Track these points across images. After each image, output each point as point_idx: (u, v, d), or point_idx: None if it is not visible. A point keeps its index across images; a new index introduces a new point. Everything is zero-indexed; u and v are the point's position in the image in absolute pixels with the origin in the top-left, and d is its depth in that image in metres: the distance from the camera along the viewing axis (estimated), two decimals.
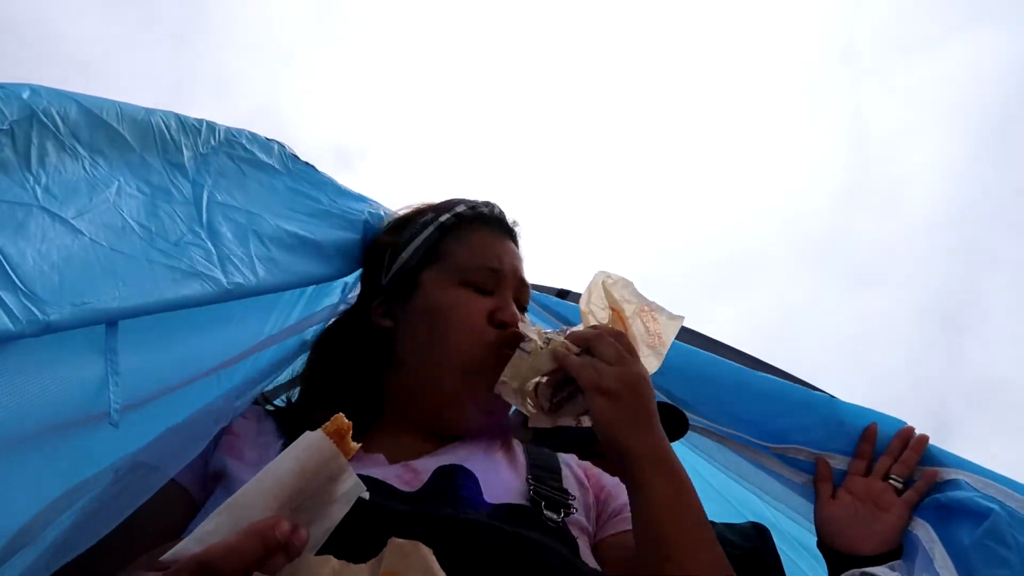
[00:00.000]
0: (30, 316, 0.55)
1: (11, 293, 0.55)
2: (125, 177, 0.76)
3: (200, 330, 0.85)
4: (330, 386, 0.99)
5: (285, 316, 1.02)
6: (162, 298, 0.69)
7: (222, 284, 0.77)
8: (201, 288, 0.74)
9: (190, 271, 0.74)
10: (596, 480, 1.00)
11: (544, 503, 0.84)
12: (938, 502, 1.06)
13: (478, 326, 0.96)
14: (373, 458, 0.88)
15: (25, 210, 0.62)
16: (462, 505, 0.76)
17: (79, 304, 0.60)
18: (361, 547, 0.61)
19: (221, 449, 0.84)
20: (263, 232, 0.89)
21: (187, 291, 0.72)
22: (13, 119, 0.65)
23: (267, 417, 0.94)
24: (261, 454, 0.84)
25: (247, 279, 0.81)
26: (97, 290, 0.63)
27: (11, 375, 0.59)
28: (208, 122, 0.91)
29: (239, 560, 0.52)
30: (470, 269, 1.01)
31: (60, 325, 0.58)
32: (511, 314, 0.98)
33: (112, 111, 0.78)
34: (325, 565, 0.59)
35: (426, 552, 0.61)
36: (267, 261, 0.87)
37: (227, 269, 0.79)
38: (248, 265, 0.83)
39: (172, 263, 0.73)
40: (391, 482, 0.80)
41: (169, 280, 0.71)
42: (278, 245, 0.91)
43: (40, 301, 0.57)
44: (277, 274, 0.88)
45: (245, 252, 0.84)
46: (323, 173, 1.11)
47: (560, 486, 0.91)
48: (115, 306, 0.64)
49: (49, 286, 0.58)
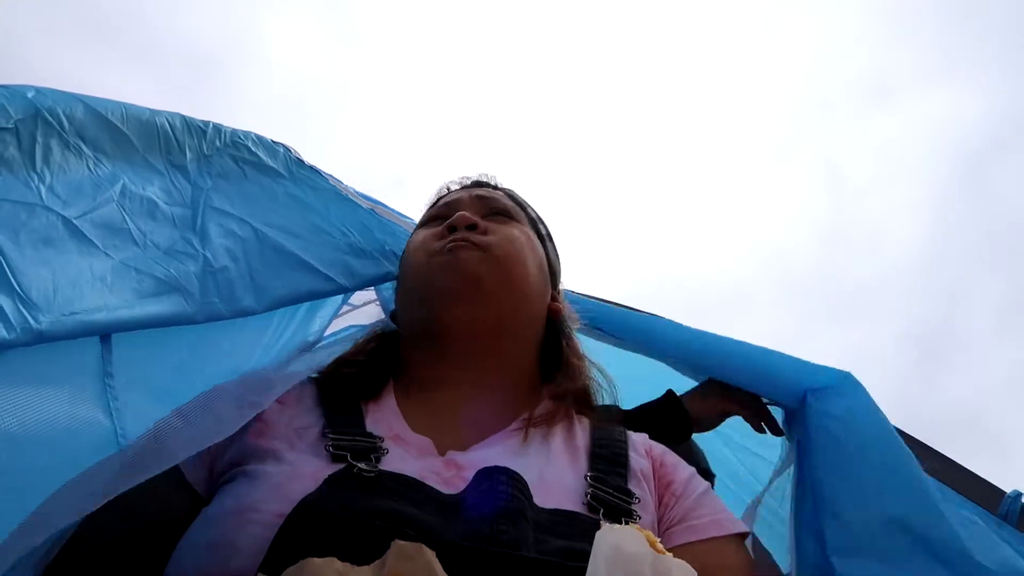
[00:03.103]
0: (24, 324, 0.55)
1: (8, 298, 0.55)
2: (128, 177, 0.76)
3: (198, 343, 0.84)
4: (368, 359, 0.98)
5: (287, 322, 1.01)
6: (143, 313, 0.69)
7: (197, 301, 0.76)
8: (176, 305, 0.73)
9: (173, 284, 0.73)
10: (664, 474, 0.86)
11: (603, 510, 0.74)
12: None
13: (428, 245, 0.94)
14: (420, 443, 0.80)
15: (28, 210, 0.62)
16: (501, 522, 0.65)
17: (68, 315, 0.60)
18: (364, 549, 0.60)
19: (251, 435, 0.79)
20: (253, 247, 0.89)
21: (165, 308, 0.72)
22: (18, 118, 0.65)
23: (307, 394, 0.89)
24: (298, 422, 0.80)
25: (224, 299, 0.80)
26: (86, 300, 0.63)
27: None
28: (215, 124, 0.91)
29: None
30: (426, 213, 1.05)
31: (51, 335, 0.57)
32: (457, 217, 0.95)
33: (117, 112, 0.78)
34: (329, 567, 0.59)
35: (430, 555, 0.60)
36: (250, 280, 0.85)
37: (206, 287, 0.78)
38: (230, 283, 0.82)
39: (157, 273, 0.73)
40: (429, 481, 0.72)
41: (151, 293, 0.71)
42: (265, 263, 0.89)
43: (34, 307, 0.57)
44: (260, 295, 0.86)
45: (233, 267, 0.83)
46: (327, 178, 1.11)
47: (623, 486, 0.80)
48: (101, 318, 0.64)
49: (44, 292, 0.58)
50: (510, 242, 0.95)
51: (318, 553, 0.60)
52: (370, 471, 0.70)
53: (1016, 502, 1.01)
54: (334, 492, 0.66)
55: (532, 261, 0.97)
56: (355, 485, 0.68)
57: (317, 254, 0.99)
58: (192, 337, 0.79)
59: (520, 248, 0.96)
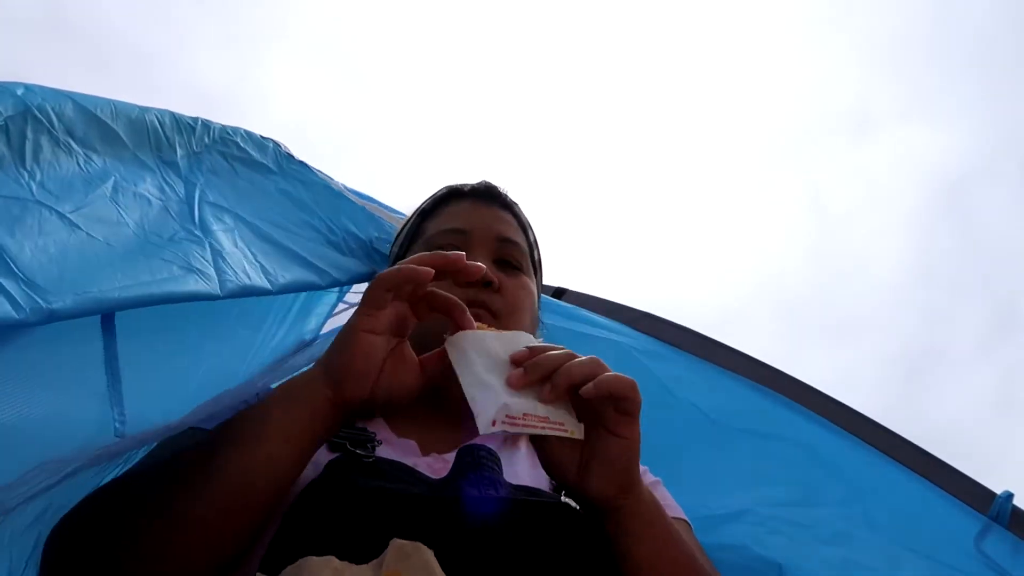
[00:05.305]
0: (33, 304, 0.55)
1: (12, 281, 0.55)
2: (120, 174, 0.75)
3: (196, 345, 0.84)
4: None
5: (281, 318, 1.01)
6: (161, 291, 0.69)
7: (216, 281, 0.76)
8: (197, 283, 0.73)
9: (186, 266, 0.73)
10: None
11: (564, 492, 0.82)
12: None
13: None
14: (406, 444, 0.87)
15: (21, 205, 0.61)
16: (484, 485, 0.74)
17: (81, 293, 0.59)
18: (364, 547, 0.61)
19: None
20: (250, 239, 0.88)
21: (185, 286, 0.72)
22: (7, 115, 0.64)
23: None
24: None
25: (240, 279, 0.80)
26: (97, 281, 0.63)
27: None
28: (203, 120, 0.90)
29: (415, 262, 0.69)
30: (434, 238, 1.02)
31: (63, 313, 0.57)
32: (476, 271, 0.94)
33: (107, 109, 0.77)
34: (327, 566, 0.59)
35: (427, 553, 0.61)
36: (256, 265, 0.86)
37: (220, 267, 0.78)
38: (240, 265, 0.82)
39: (168, 258, 0.72)
40: (420, 469, 0.80)
41: (166, 274, 0.71)
42: (264, 254, 0.89)
43: (41, 290, 0.56)
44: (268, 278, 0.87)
45: (237, 252, 0.83)
46: (316, 172, 1.10)
47: None
48: (116, 296, 0.64)
49: (49, 277, 0.58)
50: (517, 307, 0.97)
51: (319, 543, 0.62)
52: (368, 456, 0.77)
53: (1007, 503, 1.03)
54: (336, 475, 0.72)
55: (529, 321, 1.01)
56: (355, 469, 0.74)
57: (309, 249, 0.99)
58: (188, 334, 0.80)
59: (524, 310, 0.99)
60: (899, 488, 1.27)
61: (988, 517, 1.07)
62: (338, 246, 1.05)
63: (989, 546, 1.12)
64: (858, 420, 1.33)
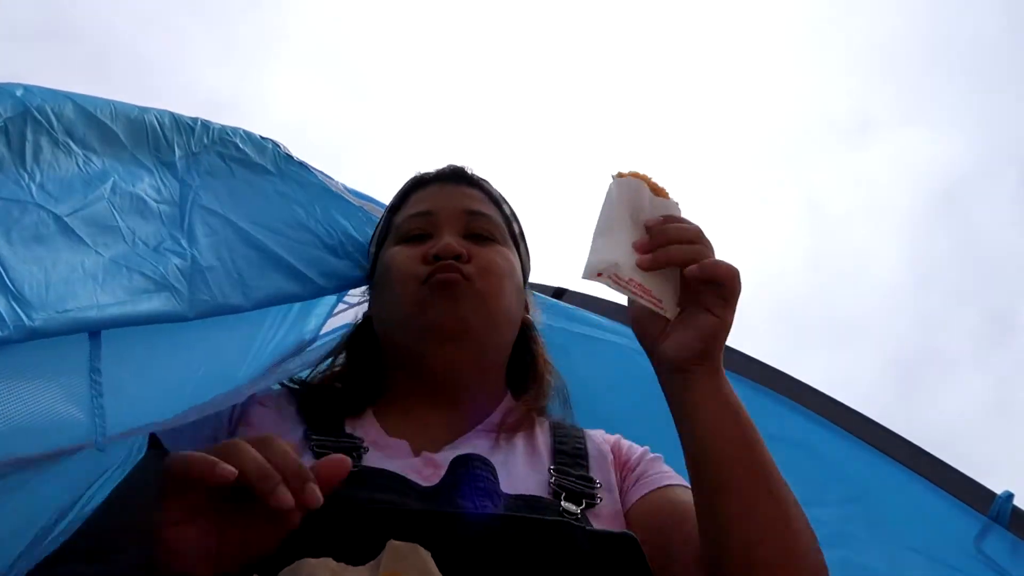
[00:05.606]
0: (17, 321, 0.54)
1: (3, 296, 0.55)
2: (118, 175, 0.75)
3: (191, 342, 0.84)
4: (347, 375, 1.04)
5: (281, 318, 1.01)
6: (134, 311, 0.68)
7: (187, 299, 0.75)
8: (167, 303, 0.72)
9: (162, 282, 0.73)
10: (622, 455, 0.97)
11: (564, 495, 0.83)
12: None
13: (411, 270, 0.94)
14: (397, 445, 0.87)
15: (21, 207, 0.62)
16: (478, 497, 0.74)
17: (61, 312, 0.59)
18: (361, 548, 0.61)
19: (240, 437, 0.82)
20: (236, 246, 0.88)
21: (155, 305, 0.71)
22: (7, 116, 0.65)
23: (288, 402, 0.95)
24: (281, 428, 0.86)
25: (214, 296, 0.79)
26: (78, 297, 0.62)
27: None
28: (203, 120, 0.90)
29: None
30: (402, 225, 1.02)
31: (43, 332, 0.57)
32: (442, 246, 0.94)
33: (106, 109, 0.78)
34: (324, 567, 0.59)
35: (424, 554, 0.61)
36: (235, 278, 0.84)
37: (195, 284, 0.77)
38: (217, 282, 0.81)
39: (147, 271, 0.72)
40: (411, 477, 0.79)
41: (141, 291, 0.70)
42: (248, 262, 0.88)
43: (27, 304, 0.56)
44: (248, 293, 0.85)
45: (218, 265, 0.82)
46: (315, 173, 1.10)
47: (585, 475, 0.89)
48: (94, 316, 0.63)
49: (37, 289, 0.58)
50: (492, 274, 0.97)
51: (316, 544, 0.61)
52: (354, 467, 0.72)
53: (1007, 503, 1.03)
54: None
55: (511, 288, 1.00)
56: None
57: (301, 253, 0.98)
58: (185, 335, 0.79)
59: (500, 279, 0.98)
60: (899, 488, 1.27)
61: (988, 517, 1.07)
62: (333, 249, 1.05)
63: (989, 546, 1.12)
64: (858, 420, 1.33)
